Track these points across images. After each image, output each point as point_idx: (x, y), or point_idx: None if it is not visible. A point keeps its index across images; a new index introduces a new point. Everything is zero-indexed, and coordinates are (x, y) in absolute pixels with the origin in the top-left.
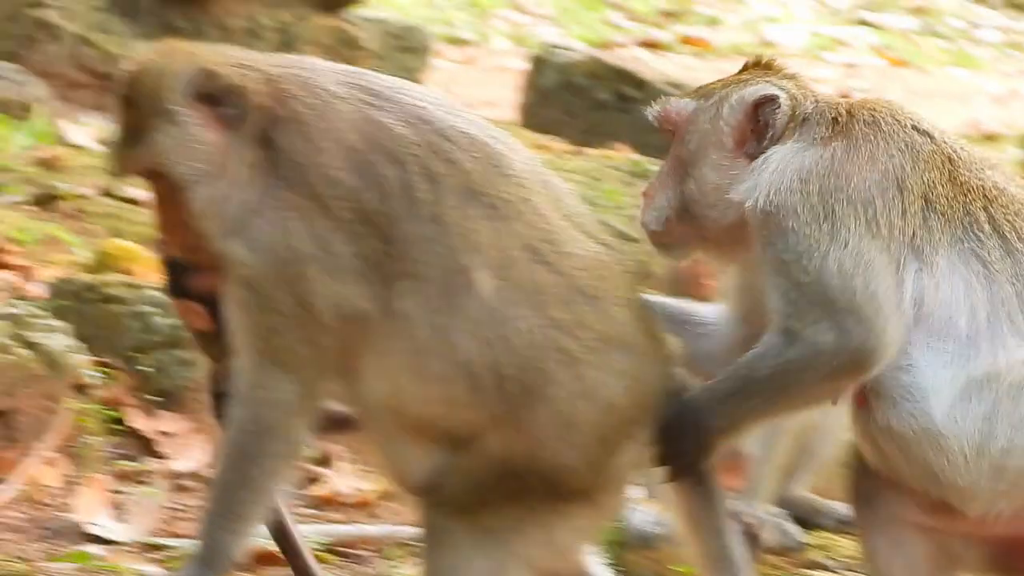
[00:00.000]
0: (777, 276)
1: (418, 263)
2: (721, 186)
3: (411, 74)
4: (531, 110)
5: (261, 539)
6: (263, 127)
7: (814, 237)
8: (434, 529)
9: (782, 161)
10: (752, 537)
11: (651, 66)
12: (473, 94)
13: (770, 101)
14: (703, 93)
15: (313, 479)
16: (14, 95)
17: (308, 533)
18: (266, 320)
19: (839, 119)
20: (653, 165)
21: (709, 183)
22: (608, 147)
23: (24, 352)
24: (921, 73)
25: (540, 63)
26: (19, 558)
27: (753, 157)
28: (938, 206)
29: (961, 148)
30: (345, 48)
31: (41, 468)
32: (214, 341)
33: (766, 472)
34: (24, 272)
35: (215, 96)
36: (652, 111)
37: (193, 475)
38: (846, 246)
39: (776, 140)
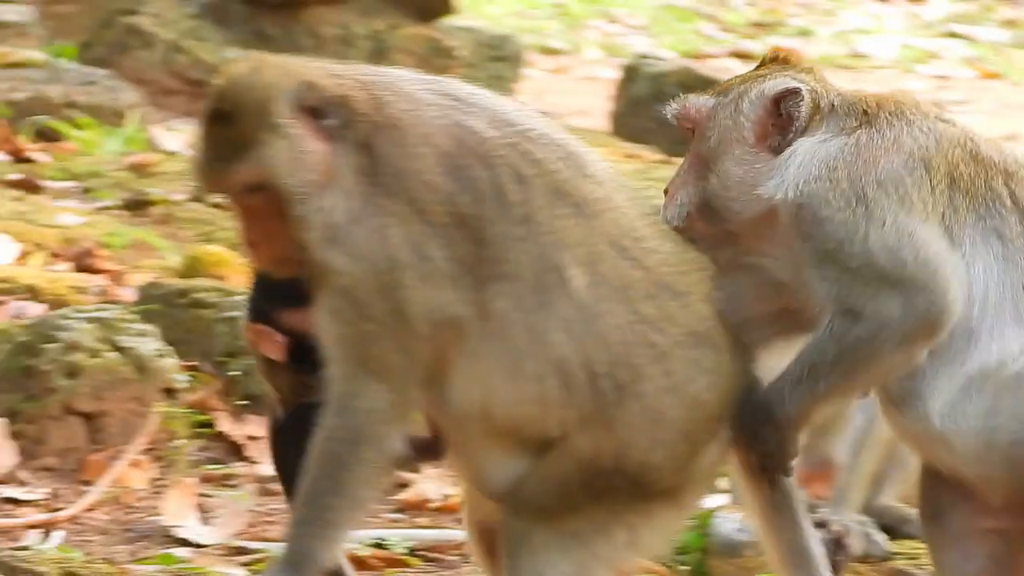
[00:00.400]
0: (823, 267)
1: (511, 264)
2: (745, 180)
3: (503, 83)
4: (622, 119)
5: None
6: (363, 135)
7: (851, 222)
8: (517, 534)
9: (808, 153)
10: (839, 545)
11: None
12: (564, 103)
13: (792, 94)
14: (722, 89)
15: (400, 484)
16: (107, 101)
17: (394, 537)
18: (361, 329)
19: (867, 111)
20: None
21: (732, 178)
22: None
23: (113, 356)
24: (1013, 86)
25: (631, 73)
26: (106, 560)
27: (777, 151)
28: (962, 184)
29: (983, 136)
30: (437, 57)
31: (129, 471)
32: (281, 373)
33: (854, 480)
34: (114, 276)
35: (318, 108)
36: (671, 109)
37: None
38: (884, 225)
39: (800, 133)
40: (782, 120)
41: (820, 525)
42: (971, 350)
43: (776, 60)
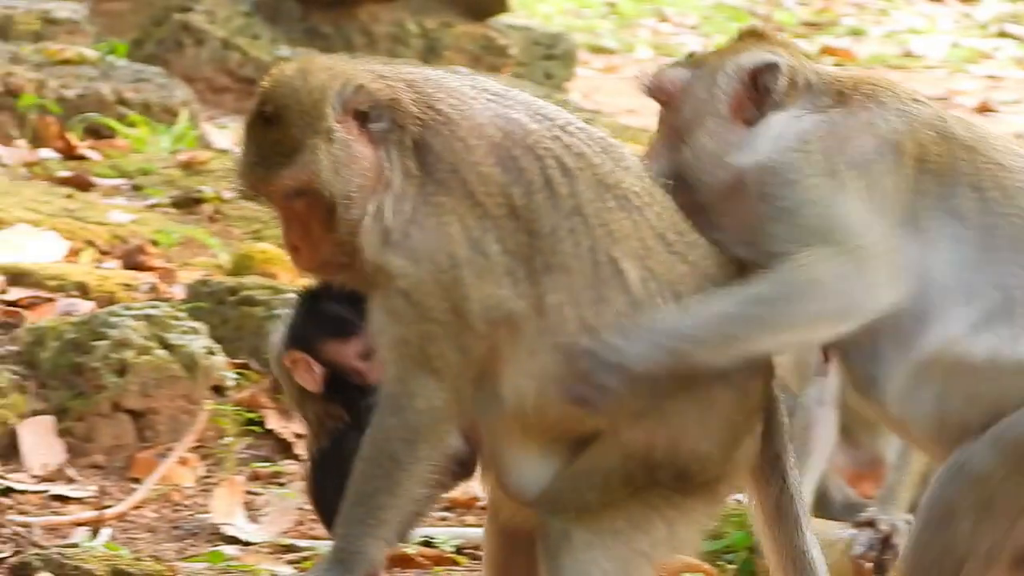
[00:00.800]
0: (775, 224)
1: (564, 256)
2: (718, 152)
3: (555, 82)
4: None
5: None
6: (414, 136)
7: (821, 188)
8: (556, 534)
9: (782, 125)
10: (887, 544)
11: None
12: (614, 102)
13: (770, 68)
14: (697, 62)
15: None
16: (159, 99)
17: (442, 535)
18: (421, 329)
19: (842, 91)
20: None
21: (706, 150)
22: None
23: (162, 353)
24: None
25: None
26: (153, 558)
27: (752, 123)
28: (931, 166)
29: (956, 115)
30: (490, 55)
31: (177, 469)
32: (313, 403)
33: (903, 480)
34: (164, 274)
35: (367, 112)
36: (644, 80)
37: None
38: (846, 204)
39: (776, 107)
40: (758, 94)
41: (868, 524)
42: (922, 335)
43: (752, 35)
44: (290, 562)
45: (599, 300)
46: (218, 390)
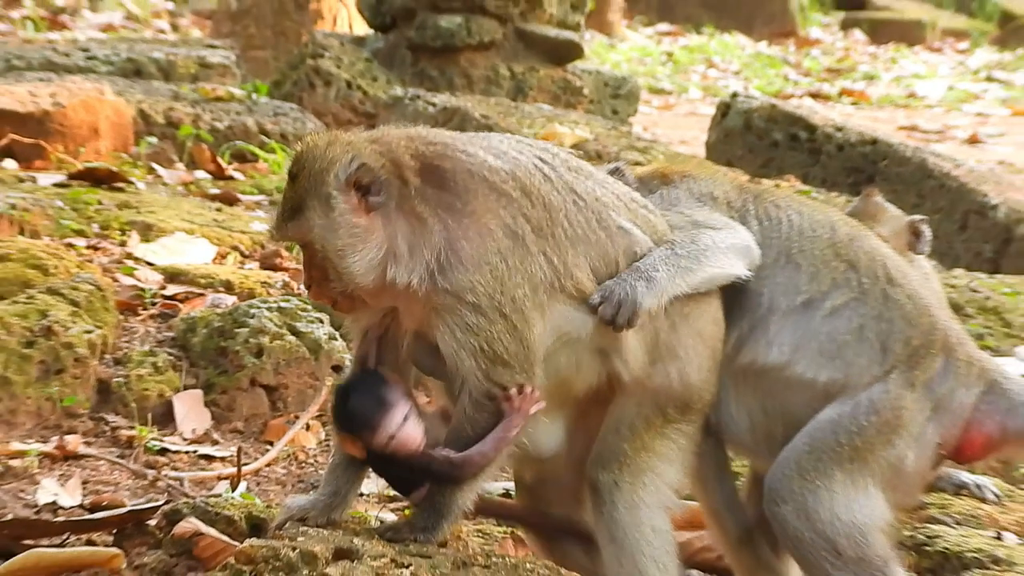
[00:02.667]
0: None
1: (578, 227)
2: None
3: (620, 116)
4: (717, 147)
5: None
6: (423, 177)
7: None
8: (606, 486)
9: None
10: None
11: (818, 113)
12: (670, 134)
13: None
14: None
15: None
16: (293, 129)
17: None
18: (490, 333)
19: None
20: (818, 193)
21: None
22: (780, 178)
23: (292, 339)
24: None
25: (726, 108)
26: (281, 506)
27: None
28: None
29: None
30: (567, 94)
31: (302, 433)
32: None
33: None
34: (294, 274)
35: (367, 186)
36: None
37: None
38: None
39: None
40: None
41: None
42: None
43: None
44: (393, 509)
45: (611, 263)
46: (336, 369)
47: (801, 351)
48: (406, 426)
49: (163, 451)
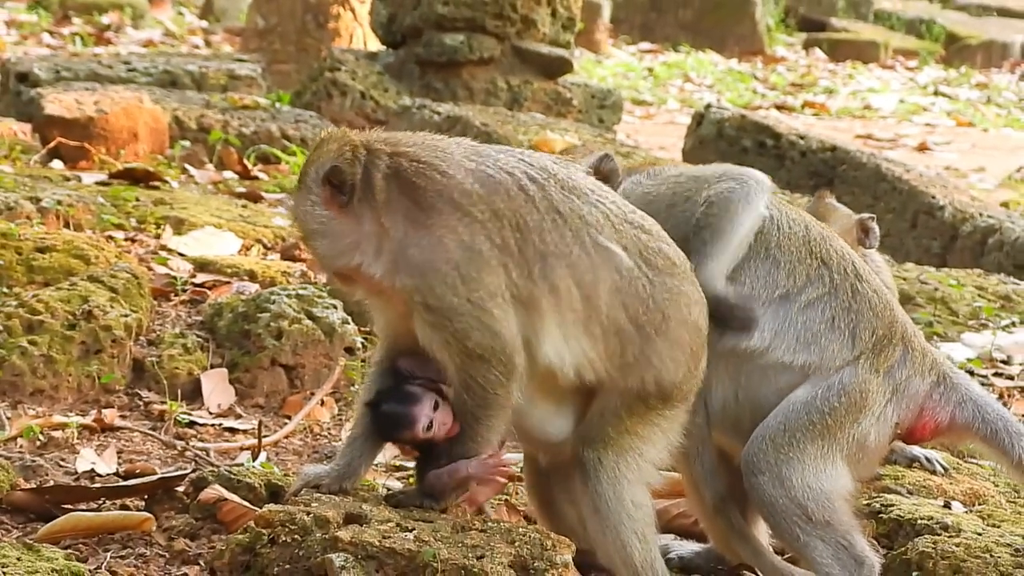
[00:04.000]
0: None
1: (555, 244)
2: None
3: (606, 125)
4: (693, 153)
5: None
6: (398, 185)
7: None
8: (591, 462)
9: None
10: None
11: (783, 122)
12: (650, 141)
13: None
14: None
15: None
16: (312, 135)
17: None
18: (455, 328)
19: None
20: (783, 195)
21: None
22: None
23: (309, 323)
24: (982, 132)
25: (700, 118)
26: (297, 474)
27: None
28: None
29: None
30: (558, 105)
31: (318, 409)
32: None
33: None
34: (312, 264)
35: (337, 185)
36: None
37: None
38: None
39: None
40: None
41: None
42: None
43: None
44: (399, 478)
45: (595, 280)
46: (349, 350)
47: (780, 337)
48: (437, 415)
49: (191, 424)
